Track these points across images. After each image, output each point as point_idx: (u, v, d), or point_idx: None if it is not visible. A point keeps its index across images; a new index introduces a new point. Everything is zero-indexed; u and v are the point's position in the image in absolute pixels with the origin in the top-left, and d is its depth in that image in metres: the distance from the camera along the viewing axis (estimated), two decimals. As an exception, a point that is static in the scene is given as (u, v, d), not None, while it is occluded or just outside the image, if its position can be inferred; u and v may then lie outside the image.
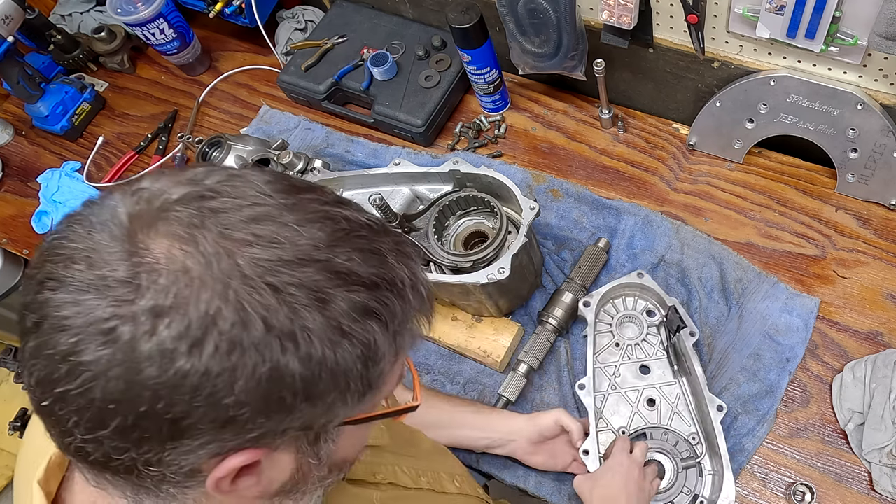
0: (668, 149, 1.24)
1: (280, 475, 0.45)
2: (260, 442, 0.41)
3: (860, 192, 1.12)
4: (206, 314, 0.37)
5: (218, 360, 0.37)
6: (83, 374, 0.37)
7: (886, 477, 0.93)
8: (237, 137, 1.25)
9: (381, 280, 0.42)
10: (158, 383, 0.37)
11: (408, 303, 0.44)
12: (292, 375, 0.39)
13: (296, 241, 0.40)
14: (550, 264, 1.15)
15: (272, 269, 0.38)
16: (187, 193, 0.40)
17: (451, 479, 0.78)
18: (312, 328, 0.39)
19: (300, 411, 0.40)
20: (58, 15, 1.65)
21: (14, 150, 1.54)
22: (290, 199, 0.42)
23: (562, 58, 1.14)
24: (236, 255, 0.38)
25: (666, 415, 0.99)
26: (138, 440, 0.39)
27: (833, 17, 0.90)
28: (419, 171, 1.06)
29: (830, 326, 1.05)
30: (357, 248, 0.42)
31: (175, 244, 0.38)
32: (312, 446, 0.45)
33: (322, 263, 0.40)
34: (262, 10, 1.40)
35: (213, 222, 0.39)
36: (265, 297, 0.38)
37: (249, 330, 0.37)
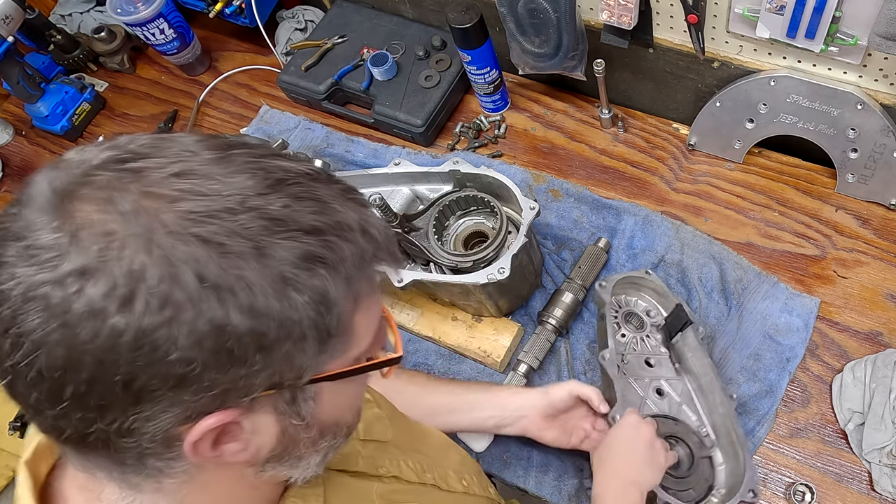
0: (668, 149, 1.24)
1: (266, 439, 0.45)
2: (227, 401, 0.41)
3: (860, 192, 1.12)
4: (130, 270, 0.37)
5: (151, 316, 0.37)
6: (24, 345, 0.37)
7: (886, 477, 0.93)
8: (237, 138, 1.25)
9: (324, 225, 0.41)
10: (96, 344, 0.37)
11: (358, 246, 0.43)
12: (236, 327, 0.38)
13: (223, 192, 0.39)
14: (550, 264, 1.15)
15: (199, 221, 0.38)
16: (108, 158, 0.40)
17: (458, 477, 0.77)
18: (251, 277, 0.38)
19: (256, 364, 0.40)
20: (58, 15, 1.65)
21: (14, 150, 1.54)
22: (218, 153, 0.42)
23: (562, 58, 1.14)
24: (159, 212, 0.38)
25: (674, 406, 0.98)
26: (99, 409, 0.39)
27: (833, 17, 0.90)
28: (419, 171, 1.06)
29: (830, 326, 1.05)
30: (293, 195, 0.41)
31: (95, 207, 0.38)
32: (291, 405, 0.45)
33: (255, 211, 0.39)
34: (262, 10, 1.40)
35: (133, 182, 0.39)
36: (193, 249, 0.37)
37: (180, 283, 0.37)
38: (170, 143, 0.42)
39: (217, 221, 0.38)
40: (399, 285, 0.97)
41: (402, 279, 0.97)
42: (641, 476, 0.83)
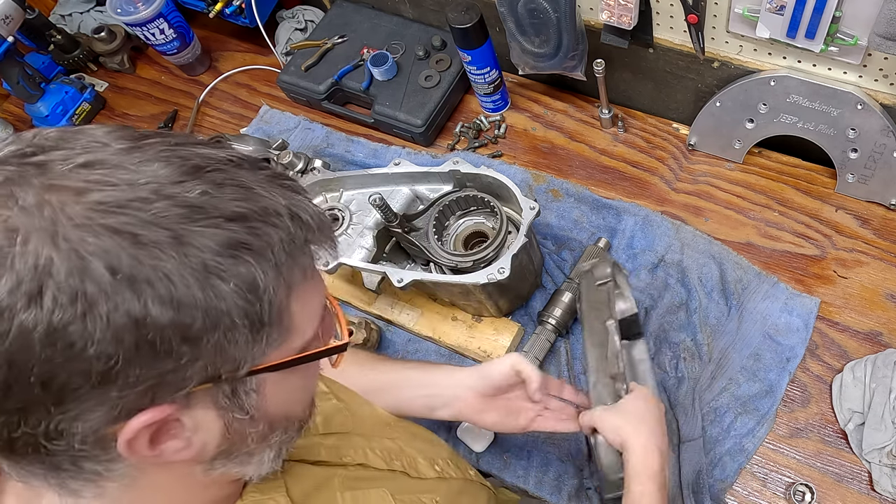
0: (668, 149, 1.24)
1: (210, 436, 0.44)
2: (158, 397, 0.39)
3: (860, 192, 1.12)
4: (35, 265, 0.35)
5: (62, 311, 0.35)
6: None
7: (886, 477, 0.93)
8: (237, 137, 1.25)
9: (247, 210, 0.40)
10: (6, 345, 0.35)
11: (287, 232, 0.42)
12: (156, 319, 0.37)
13: (135, 181, 0.38)
14: (550, 264, 1.15)
15: (109, 212, 0.36)
16: (10, 152, 0.39)
17: (430, 463, 0.75)
18: (169, 267, 0.37)
19: (184, 357, 0.38)
20: (58, 15, 1.65)
21: (14, 150, 1.54)
22: (130, 143, 0.40)
23: (562, 58, 1.14)
24: (65, 204, 0.36)
25: None
26: (20, 411, 0.37)
27: (833, 17, 0.90)
28: (419, 171, 1.06)
29: (830, 326, 1.05)
30: (213, 181, 0.40)
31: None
32: (232, 399, 0.43)
33: (171, 199, 0.38)
34: (262, 10, 1.40)
35: (36, 176, 0.37)
36: (104, 241, 0.36)
37: (91, 276, 0.35)
38: (78, 135, 0.40)
39: (129, 211, 0.37)
40: (399, 285, 0.97)
41: (402, 279, 0.97)
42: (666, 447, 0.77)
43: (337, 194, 1.12)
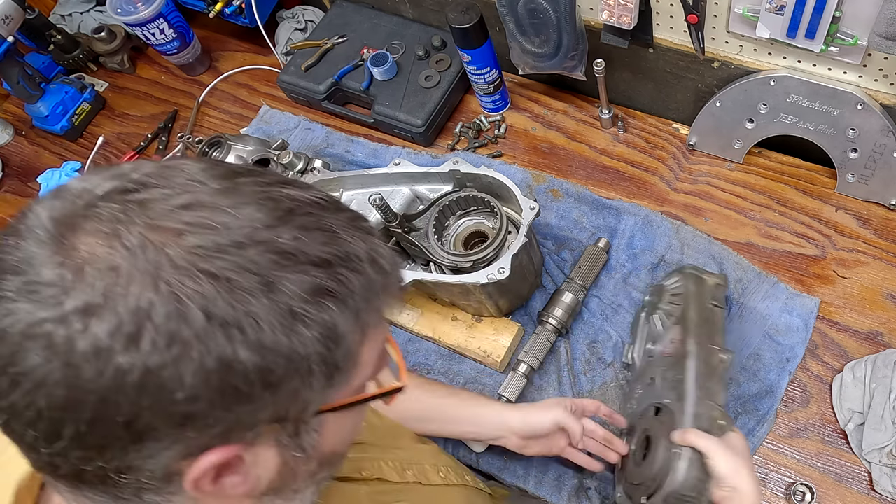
0: (668, 149, 1.24)
1: (266, 472, 0.44)
2: (230, 438, 0.40)
3: (860, 192, 1.12)
4: (137, 308, 0.35)
5: (158, 355, 0.36)
6: (24, 384, 0.36)
7: (886, 477, 0.93)
8: (237, 137, 1.25)
9: (332, 257, 0.40)
10: (100, 384, 0.35)
11: (368, 278, 0.42)
12: (243, 364, 0.37)
13: (231, 225, 0.38)
14: (550, 264, 1.15)
15: (207, 256, 0.37)
16: (112, 189, 0.39)
17: (435, 469, 0.76)
18: (259, 313, 0.37)
19: (262, 401, 0.39)
20: (58, 15, 1.65)
21: (14, 150, 1.54)
22: (225, 183, 0.40)
23: (562, 58, 1.14)
24: (166, 246, 0.37)
25: None
26: (99, 448, 0.38)
27: (833, 17, 0.90)
28: (419, 171, 1.06)
29: (830, 326, 1.05)
30: (302, 226, 0.40)
31: (99, 241, 0.37)
32: (293, 438, 0.44)
33: (264, 245, 0.38)
34: (262, 10, 1.40)
35: (139, 215, 0.37)
36: (201, 286, 0.36)
37: (188, 321, 0.36)
38: (175, 171, 0.41)
39: (225, 256, 0.37)
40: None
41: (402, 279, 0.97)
42: None
43: (337, 194, 1.12)
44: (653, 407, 0.89)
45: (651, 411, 0.89)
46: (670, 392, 0.88)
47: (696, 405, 0.84)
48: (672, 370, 0.90)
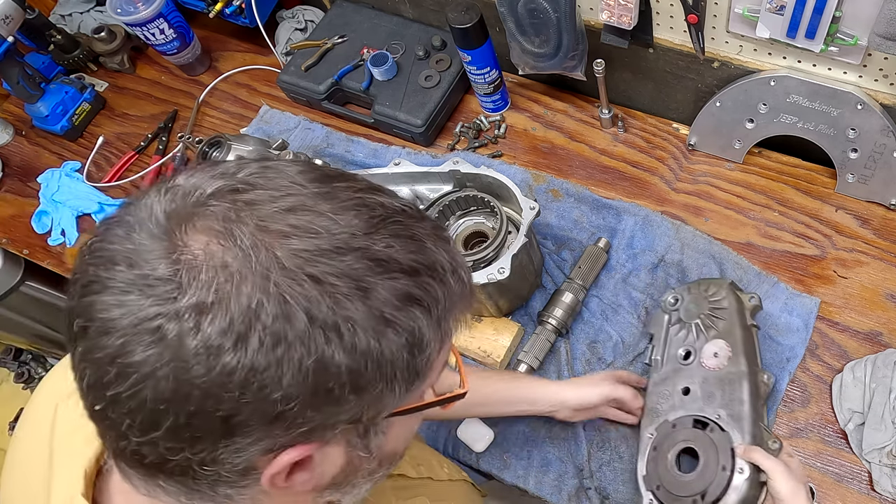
0: (668, 149, 1.24)
1: (331, 468, 0.45)
2: (311, 436, 0.41)
3: (860, 192, 1.12)
4: (248, 308, 0.36)
5: (264, 355, 0.37)
6: (133, 376, 0.37)
7: (886, 477, 0.93)
8: (237, 137, 1.25)
9: (421, 266, 0.42)
10: (207, 380, 0.36)
11: (449, 287, 0.43)
12: (338, 367, 0.38)
13: (332, 230, 0.39)
14: (550, 264, 1.15)
15: (311, 260, 0.38)
16: (221, 187, 0.40)
17: (440, 465, 0.79)
18: (356, 318, 0.38)
19: (348, 403, 0.40)
20: (58, 15, 1.65)
21: (14, 150, 1.54)
22: (323, 187, 0.42)
23: (562, 58, 1.14)
24: (275, 247, 0.38)
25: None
26: (191, 440, 0.38)
27: (833, 17, 0.90)
28: (419, 171, 1.06)
29: (830, 326, 1.05)
30: (394, 233, 0.41)
31: (213, 239, 0.38)
32: (363, 439, 0.45)
33: (361, 251, 0.39)
34: (262, 10, 1.40)
35: (249, 215, 0.39)
36: (306, 289, 0.37)
37: (293, 322, 0.37)
38: (276, 173, 0.42)
39: (326, 261, 0.38)
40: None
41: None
42: None
43: (337, 194, 1.12)
44: (692, 419, 0.89)
45: (689, 422, 0.89)
46: (718, 409, 0.88)
47: (753, 426, 0.86)
48: (719, 387, 0.90)
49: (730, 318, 0.95)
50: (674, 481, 0.87)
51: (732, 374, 0.90)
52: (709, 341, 0.94)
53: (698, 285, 1.00)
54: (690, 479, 0.85)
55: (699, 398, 0.91)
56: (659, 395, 0.95)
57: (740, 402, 0.87)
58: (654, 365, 0.98)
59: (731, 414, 0.87)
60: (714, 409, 0.88)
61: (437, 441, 1.05)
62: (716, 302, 0.97)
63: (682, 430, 0.89)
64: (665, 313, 1.01)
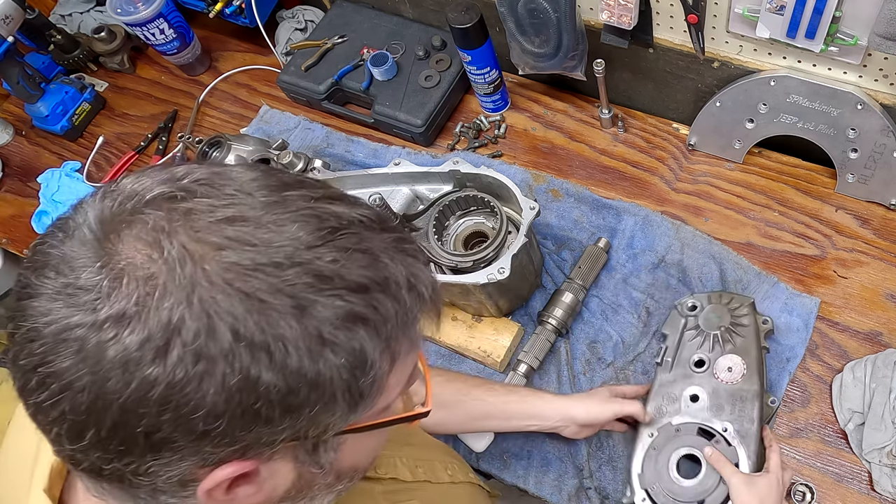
0: (668, 149, 1.24)
1: (281, 483, 0.44)
2: (247, 453, 0.40)
3: (860, 192, 1.12)
4: (168, 321, 0.35)
5: (184, 370, 0.36)
6: (52, 386, 0.36)
7: (886, 477, 0.93)
8: (237, 137, 1.25)
9: (370, 282, 0.40)
10: (125, 394, 0.36)
11: (403, 305, 0.41)
12: (266, 387, 0.37)
13: (273, 243, 0.38)
14: (550, 264, 1.15)
15: (243, 274, 0.37)
16: (159, 194, 0.39)
17: (443, 467, 0.77)
18: (288, 337, 0.37)
19: (282, 423, 0.39)
20: (58, 15, 1.65)
21: (14, 150, 1.54)
22: (272, 196, 0.40)
23: (562, 58, 1.14)
24: (204, 260, 0.36)
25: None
26: (118, 452, 0.38)
27: (833, 17, 0.90)
28: (419, 171, 1.06)
29: (830, 326, 1.05)
30: (344, 247, 0.39)
31: (141, 249, 0.37)
32: (311, 455, 0.44)
33: (302, 266, 0.38)
34: (262, 10, 1.40)
35: (183, 225, 0.37)
36: (233, 305, 0.36)
37: (216, 339, 0.36)
38: (226, 180, 0.40)
39: (262, 276, 0.37)
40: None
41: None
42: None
43: (337, 194, 1.12)
44: (697, 427, 0.92)
45: (694, 430, 0.92)
46: (726, 422, 0.92)
47: (758, 446, 0.90)
48: (730, 401, 0.93)
49: (748, 337, 0.97)
50: (672, 485, 0.89)
51: (745, 392, 0.93)
52: (724, 354, 0.96)
53: (720, 297, 1.02)
54: (690, 485, 0.88)
55: (707, 408, 0.93)
56: (665, 397, 0.96)
57: (750, 420, 0.91)
58: (663, 365, 0.99)
59: (739, 430, 0.90)
60: (721, 422, 0.91)
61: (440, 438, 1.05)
62: (738, 318, 0.99)
63: (686, 436, 0.92)
64: (682, 317, 1.02)
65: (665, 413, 0.95)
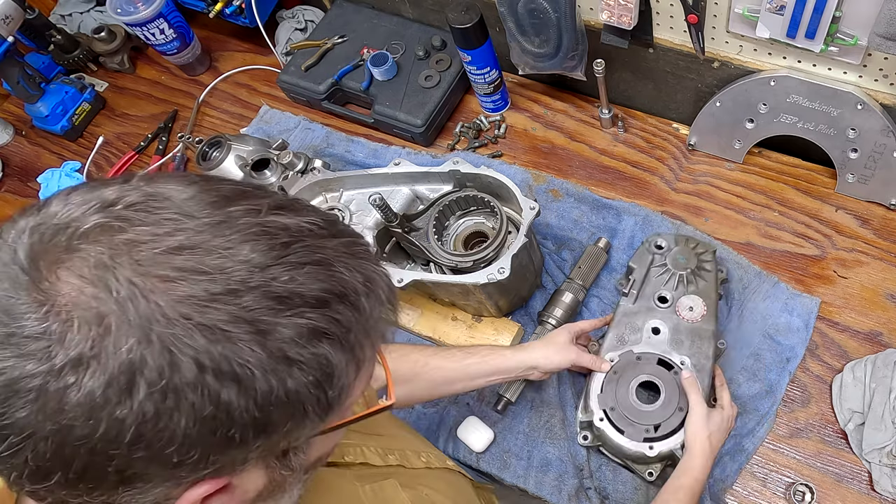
0: (668, 149, 1.24)
1: (254, 486, 0.44)
2: (221, 473, 0.39)
3: (860, 192, 1.12)
4: (129, 361, 0.34)
5: (152, 406, 0.35)
6: (9, 438, 0.35)
7: (886, 477, 0.93)
8: (237, 137, 1.25)
9: (329, 295, 0.39)
10: (93, 439, 0.35)
11: (363, 312, 0.41)
12: (239, 412, 0.37)
13: (225, 269, 0.37)
14: (550, 264, 1.15)
15: (199, 306, 0.36)
16: (96, 225, 0.36)
17: (416, 455, 0.77)
18: (253, 362, 0.36)
19: (255, 443, 0.39)
20: (58, 15, 1.65)
21: (14, 150, 1.54)
22: (216, 215, 0.38)
23: (562, 58, 1.14)
24: (156, 295, 0.35)
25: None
26: (87, 489, 0.37)
27: (833, 17, 0.90)
28: (419, 171, 1.06)
29: (830, 326, 1.05)
30: (299, 262, 0.39)
31: (86, 288, 0.35)
32: (281, 461, 0.44)
33: (259, 290, 0.37)
34: (262, 10, 1.40)
35: (128, 259, 0.35)
36: (194, 338, 0.35)
37: (181, 372, 0.35)
38: (162, 202, 0.38)
39: (219, 306, 0.36)
40: (399, 285, 0.97)
41: (402, 279, 0.97)
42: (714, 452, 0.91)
43: (337, 194, 1.12)
44: (657, 357, 0.98)
45: (654, 360, 0.98)
46: (684, 356, 0.98)
47: (710, 380, 0.97)
48: (689, 337, 0.99)
49: (710, 281, 1.03)
50: (631, 408, 0.96)
51: (703, 331, 0.99)
52: (687, 294, 1.02)
53: (686, 240, 1.07)
54: (648, 410, 0.95)
55: (667, 341, 1.00)
56: (627, 326, 1.02)
57: (706, 357, 0.98)
58: (629, 296, 1.03)
59: (696, 364, 0.97)
60: (680, 356, 0.98)
61: (437, 441, 1.05)
62: (703, 263, 1.04)
63: (646, 364, 0.98)
64: (649, 253, 1.06)
65: (627, 342, 1.01)
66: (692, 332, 0.99)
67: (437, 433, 1.06)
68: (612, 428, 0.96)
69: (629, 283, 1.04)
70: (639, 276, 1.04)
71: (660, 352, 0.98)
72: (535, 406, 1.06)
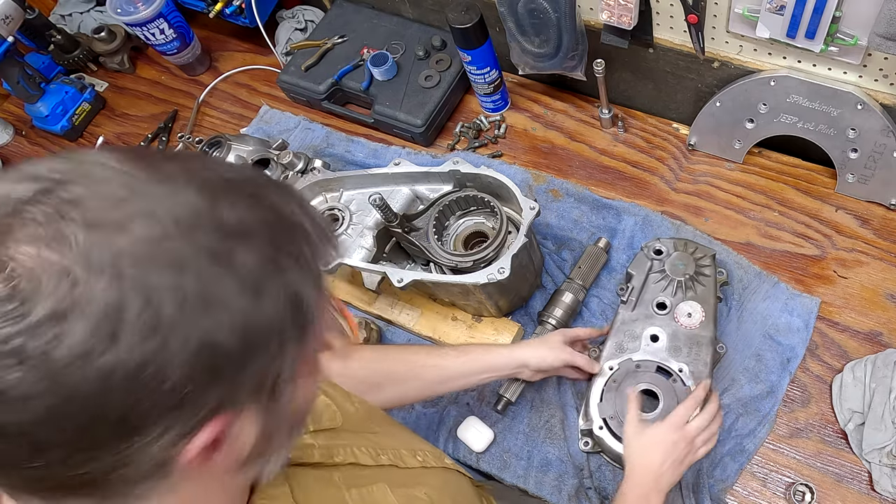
0: (668, 149, 1.24)
1: (248, 441, 0.45)
2: (220, 410, 0.40)
3: (860, 192, 1.12)
4: (108, 305, 0.35)
5: (140, 347, 0.35)
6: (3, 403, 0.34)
7: (886, 477, 0.93)
8: (237, 137, 1.25)
9: (276, 223, 0.42)
10: (87, 389, 0.35)
11: (308, 235, 0.44)
12: (223, 343, 0.38)
13: (174, 211, 0.38)
14: (550, 264, 1.15)
15: (160, 245, 0.37)
16: (36, 191, 0.36)
17: (412, 454, 0.76)
18: (225, 291, 0.38)
19: (247, 373, 0.40)
20: (58, 15, 1.65)
21: (14, 150, 1.54)
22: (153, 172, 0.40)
23: (562, 58, 1.14)
24: (114, 239, 0.36)
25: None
26: (91, 449, 0.37)
27: (833, 17, 0.90)
28: (419, 171, 1.06)
29: (830, 326, 1.05)
30: (239, 200, 0.41)
31: (41, 246, 0.35)
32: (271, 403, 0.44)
33: (211, 225, 0.39)
34: (262, 10, 1.40)
35: (76, 213, 0.36)
36: (163, 275, 0.36)
37: (161, 309, 0.36)
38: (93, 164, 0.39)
39: (178, 243, 0.37)
40: (399, 285, 0.97)
41: (403, 279, 0.97)
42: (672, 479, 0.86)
43: (337, 194, 1.12)
44: (656, 365, 0.98)
45: (653, 367, 0.98)
46: (682, 363, 0.98)
47: None
48: (687, 345, 0.99)
49: (709, 287, 1.03)
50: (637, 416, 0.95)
51: (701, 338, 0.99)
52: (685, 300, 1.02)
53: (685, 245, 1.06)
54: (647, 417, 0.94)
55: (665, 349, 1.00)
56: (626, 334, 1.02)
57: (704, 364, 0.98)
58: (627, 304, 1.03)
59: (694, 372, 0.97)
60: (678, 363, 0.98)
61: (437, 441, 1.05)
62: (701, 268, 1.04)
63: (646, 372, 0.98)
64: (648, 259, 1.06)
65: (626, 349, 1.00)
66: (690, 338, 0.99)
67: (437, 433, 1.06)
68: (611, 436, 0.96)
69: (628, 291, 1.03)
70: (637, 282, 1.04)
71: (658, 359, 0.98)
72: (535, 406, 1.06)
